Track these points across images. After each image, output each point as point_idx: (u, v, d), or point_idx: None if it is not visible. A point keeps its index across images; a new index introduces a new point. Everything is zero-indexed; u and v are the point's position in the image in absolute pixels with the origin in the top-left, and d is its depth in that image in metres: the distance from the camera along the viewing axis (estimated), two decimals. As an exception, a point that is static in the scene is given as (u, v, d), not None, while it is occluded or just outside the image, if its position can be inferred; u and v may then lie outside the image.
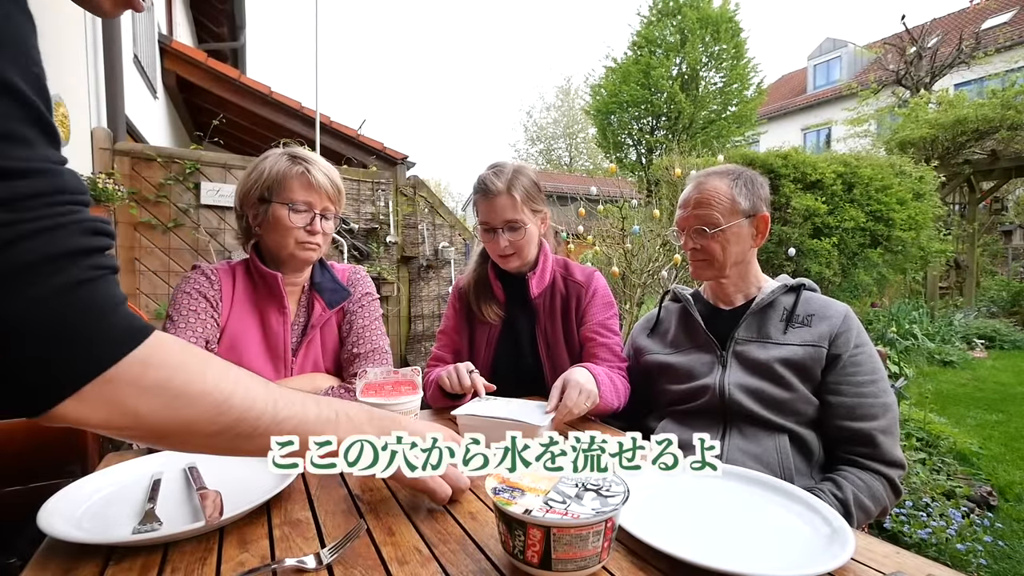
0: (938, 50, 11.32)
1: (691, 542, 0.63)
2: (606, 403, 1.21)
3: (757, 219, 1.24)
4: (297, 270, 1.24)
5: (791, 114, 19.70)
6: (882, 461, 1.08)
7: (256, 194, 1.19)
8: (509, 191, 1.35)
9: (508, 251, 1.38)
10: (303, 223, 1.17)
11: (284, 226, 1.16)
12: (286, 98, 5.14)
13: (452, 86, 66.63)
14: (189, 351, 0.53)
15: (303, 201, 1.17)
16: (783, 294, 1.23)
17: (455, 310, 1.56)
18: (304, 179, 1.17)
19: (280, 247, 1.18)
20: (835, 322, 1.16)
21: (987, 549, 2.02)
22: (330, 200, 1.21)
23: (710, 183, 1.24)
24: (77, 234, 0.43)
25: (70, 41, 3.24)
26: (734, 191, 1.22)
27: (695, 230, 1.24)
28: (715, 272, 1.27)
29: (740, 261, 1.25)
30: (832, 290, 5.13)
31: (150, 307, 3.81)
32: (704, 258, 1.26)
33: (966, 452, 3.04)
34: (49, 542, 0.65)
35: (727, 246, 1.23)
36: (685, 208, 1.27)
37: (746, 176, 1.26)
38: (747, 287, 1.28)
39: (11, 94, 0.41)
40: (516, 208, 1.35)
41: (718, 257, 1.24)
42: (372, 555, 0.64)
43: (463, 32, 70.42)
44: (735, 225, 1.22)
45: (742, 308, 1.26)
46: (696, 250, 1.26)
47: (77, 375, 0.44)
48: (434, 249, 5.23)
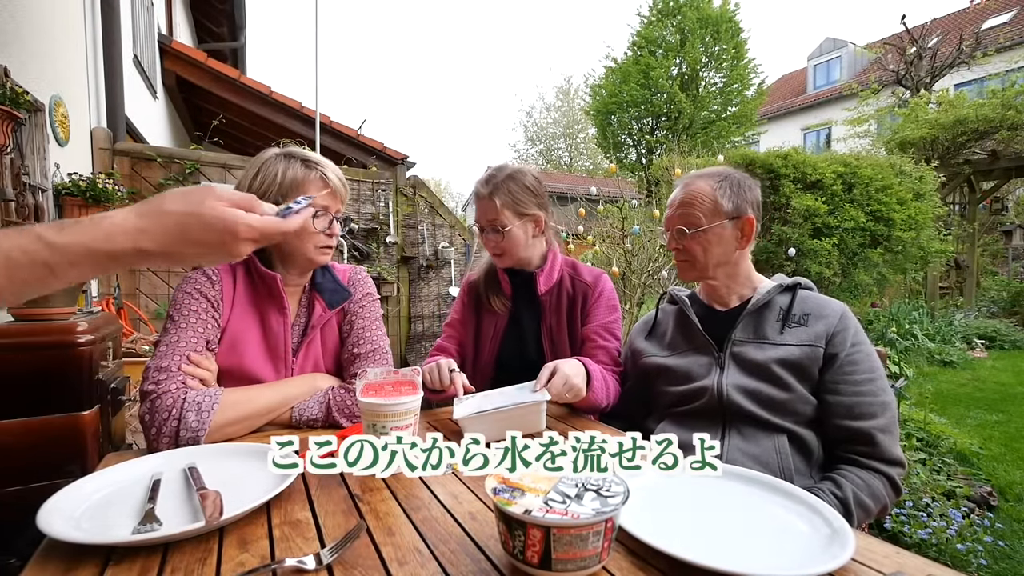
0: (938, 50, 11.32)
1: (691, 542, 0.63)
2: (595, 398, 1.26)
3: (742, 221, 1.24)
4: (305, 271, 1.25)
5: (791, 114, 19.70)
6: (882, 459, 1.08)
7: (271, 198, 1.17)
8: (491, 196, 1.45)
9: (495, 251, 1.50)
10: (324, 227, 1.19)
11: (305, 232, 1.17)
12: (286, 98, 5.14)
13: (452, 86, 66.71)
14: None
15: (322, 206, 1.18)
16: (779, 294, 1.23)
17: (463, 303, 1.65)
18: (322, 183, 1.19)
19: (298, 250, 1.19)
20: (831, 321, 1.16)
21: (987, 549, 2.02)
22: (341, 202, 1.24)
23: (695, 184, 1.26)
24: None
25: (70, 41, 3.24)
26: (717, 193, 1.23)
27: (677, 230, 1.26)
28: (698, 273, 1.28)
29: (725, 263, 1.26)
30: (832, 290, 5.13)
31: (150, 307, 3.81)
32: (686, 259, 1.28)
33: (966, 452, 3.04)
34: (49, 542, 0.65)
35: (708, 247, 1.23)
36: (670, 208, 1.30)
37: (733, 178, 1.26)
38: (741, 288, 1.28)
39: None
40: (497, 212, 1.45)
41: (699, 258, 1.25)
42: (372, 555, 0.64)
43: (463, 32, 70.49)
44: (717, 226, 1.22)
45: (738, 309, 1.26)
46: (679, 250, 1.28)
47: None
48: (434, 249, 5.23)
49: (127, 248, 0.52)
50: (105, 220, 0.52)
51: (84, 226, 0.51)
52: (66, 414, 1.46)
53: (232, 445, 0.98)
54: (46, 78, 2.76)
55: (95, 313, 1.81)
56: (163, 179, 3.90)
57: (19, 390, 1.42)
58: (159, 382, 1.02)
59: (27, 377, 1.43)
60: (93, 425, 1.51)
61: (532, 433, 0.95)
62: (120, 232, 0.52)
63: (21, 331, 1.46)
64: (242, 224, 0.58)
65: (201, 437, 0.99)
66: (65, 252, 0.50)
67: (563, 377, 1.18)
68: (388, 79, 71.30)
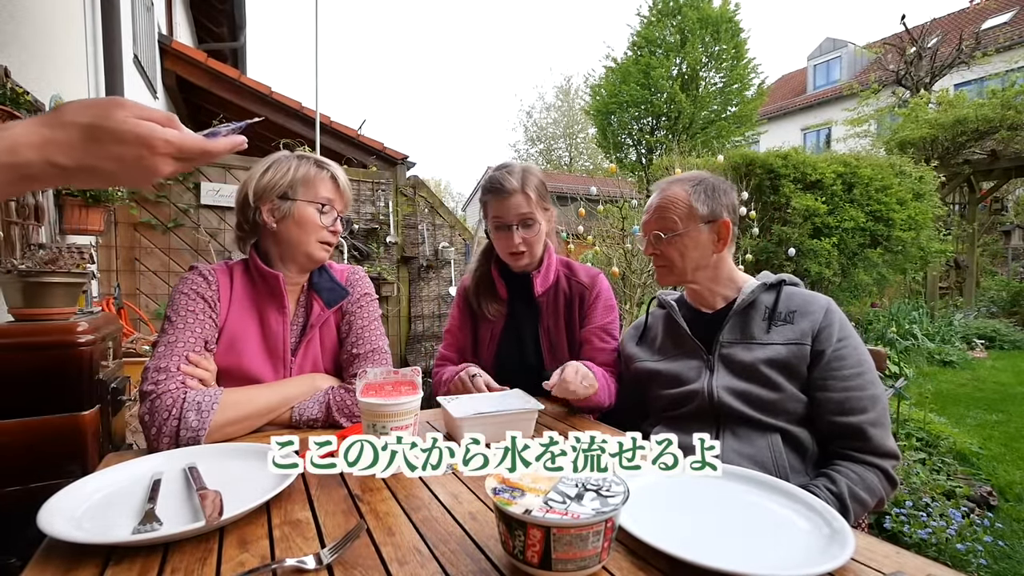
0: (938, 50, 11.31)
1: (691, 542, 0.63)
2: (600, 398, 1.28)
3: (718, 225, 1.24)
4: (304, 270, 1.26)
5: (791, 114, 19.69)
6: (874, 453, 1.09)
7: (278, 191, 1.20)
8: (523, 188, 1.41)
9: (520, 248, 1.43)
10: (329, 222, 1.22)
11: (311, 224, 1.20)
12: (286, 98, 5.14)
13: (452, 86, 66.73)
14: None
15: (327, 198, 1.22)
16: (763, 292, 1.24)
17: (459, 309, 1.63)
18: (332, 183, 1.24)
19: (300, 244, 1.20)
20: (816, 317, 1.16)
21: (987, 549, 2.02)
22: (346, 205, 1.29)
23: (670, 190, 1.27)
24: None
25: (70, 41, 3.24)
26: (692, 197, 1.24)
27: (653, 235, 1.27)
28: (676, 278, 1.29)
29: (704, 266, 1.26)
30: (832, 290, 5.13)
31: (150, 307, 3.81)
32: (663, 264, 1.29)
33: (966, 452, 3.04)
34: (49, 542, 0.65)
35: (685, 252, 1.25)
36: (647, 214, 1.31)
37: (708, 183, 1.27)
38: (724, 289, 1.29)
39: None
40: (530, 205, 1.42)
41: (676, 263, 1.26)
42: (372, 555, 0.64)
43: (463, 32, 70.49)
44: (692, 231, 1.23)
45: (724, 310, 1.26)
46: (656, 255, 1.29)
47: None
48: (434, 249, 5.23)
49: (35, 161, 0.48)
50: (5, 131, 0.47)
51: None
52: (66, 414, 1.46)
53: (232, 445, 0.98)
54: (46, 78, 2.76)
55: (95, 313, 1.81)
56: (163, 179, 3.89)
57: (19, 390, 1.42)
58: (159, 382, 1.03)
59: (27, 377, 1.43)
60: (93, 425, 1.51)
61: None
62: (26, 144, 0.48)
63: (21, 331, 1.46)
64: (159, 138, 0.53)
65: (201, 437, 0.99)
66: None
67: (575, 368, 1.20)
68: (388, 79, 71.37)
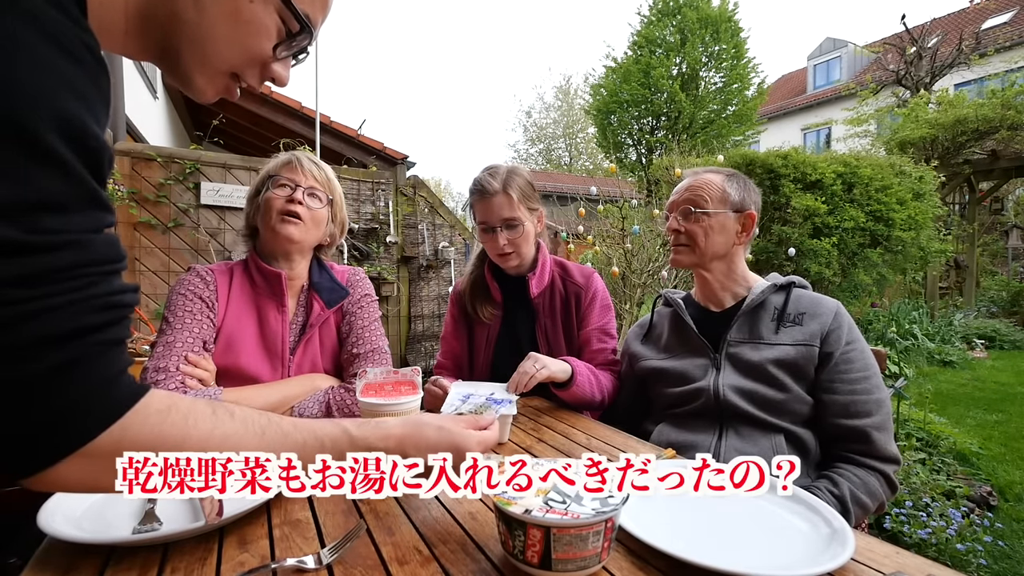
0: (938, 50, 11.30)
1: (691, 542, 0.63)
2: (580, 390, 1.29)
3: (744, 215, 1.26)
4: (285, 255, 1.24)
5: (791, 114, 19.68)
6: (877, 457, 1.09)
7: (255, 191, 1.26)
8: (505, 190, 1.40)
9: (507, 249, 1.43)
10: (285, 195, 1.22)
11: (268, 204, 1.21)
12: (286, 98, 5.14)
13: (452, 86, 66.71)
14: (172, 414, 0.51)
15: (287, 177, 1.22)
16: (773, 293, 1.24)
17: (452, 315, 1.62)
18: (291, 165, 1.25)
19: (265, 226, 1.22)
20: (826, 320, 1.17)
21: (987, 549, 2.02)
22: (316, 181, 1.25)
23: (704, 175, 1.29)
24: (86, 312, 0.43)
25: (70, 41, 3.23)
26: (726, 184, 1.26)
27: (682, 210, 1.28)
28: (695, 259, 1.28)
29: (722, 255, 1.27)
30: (832, 290, 5.13)
31: (150, 307, 3.81)
32: (686, 242, 1.28)
33: (966, 452, 3.04)
34: (49, 542, 0.65)
35: (710, 233, 1.25)
36: (676, 194, 1.32)
37: (740, 177, 1.30)
38: (735, 287, 1.29)
39: (47, 158, 0.39)
40: (513, 206, 1.40)
41: (699, 242, 1.25)
42: (372, 555, 0.64)
43: (463, 32, 70.47)
44: (722, 214, 1.24)
45: (733, 309, 1.26)
46: (679, 232, 1.29)
47: (62, 448, 0.44)
48: (434, 249, 5.23)
49: (391, 448, 0.64)
50: (384, 424, 0.65)
51: (372, 427, 0.64)
52: (66, 414, 1.46)
53: (232, 445, 0.98)
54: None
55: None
56: (163, 179, 3.90)
57: (19, 390, 1.42)
58: (158, 382, 1.03)
59: (27, 377, 1.43)
60: (93, 425, 1.51)
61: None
62: (394, 438, 0.65)
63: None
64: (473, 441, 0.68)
65: (201, 437, 0.99)
66: (355, 444, 0.62)
67: (532, 358, 1.23)
68: (388, 79, 71.37)
